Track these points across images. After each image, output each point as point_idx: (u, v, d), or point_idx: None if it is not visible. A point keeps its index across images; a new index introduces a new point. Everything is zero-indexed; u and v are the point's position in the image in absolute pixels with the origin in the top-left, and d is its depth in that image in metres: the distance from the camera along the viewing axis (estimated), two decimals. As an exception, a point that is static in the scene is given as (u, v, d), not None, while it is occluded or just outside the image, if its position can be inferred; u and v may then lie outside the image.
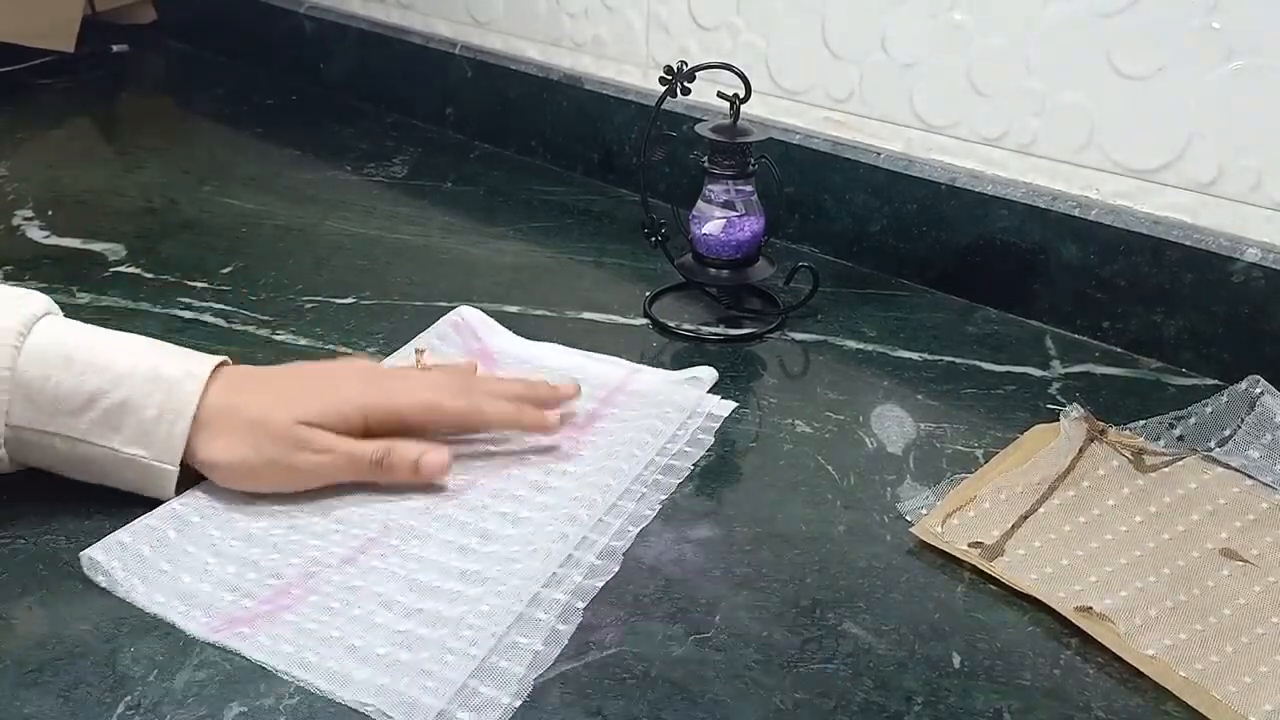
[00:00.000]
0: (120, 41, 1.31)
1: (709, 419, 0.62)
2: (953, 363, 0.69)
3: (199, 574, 0.48)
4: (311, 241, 0.84)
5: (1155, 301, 0.68)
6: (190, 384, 0.51)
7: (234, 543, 0.50)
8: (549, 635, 0.45)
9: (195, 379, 0.52)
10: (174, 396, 0.51)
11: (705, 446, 0.59)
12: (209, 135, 1.10)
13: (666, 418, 0.61)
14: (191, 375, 0.52)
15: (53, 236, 0.83)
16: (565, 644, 0.45)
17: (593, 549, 0.50)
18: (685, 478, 0.57)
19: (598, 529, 0.52)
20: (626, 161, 0.94)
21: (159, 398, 0.51)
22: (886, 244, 0.80)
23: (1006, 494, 0.55)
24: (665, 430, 0.59)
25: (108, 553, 0.49)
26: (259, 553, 0.50)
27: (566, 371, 0.65)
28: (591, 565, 0.49)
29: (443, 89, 1.08)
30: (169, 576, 0.48)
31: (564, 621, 0.46)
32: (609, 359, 0.67)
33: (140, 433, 0.50)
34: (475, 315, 0.71)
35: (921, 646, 0.46)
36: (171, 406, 0.51)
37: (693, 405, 0.62)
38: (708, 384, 0.65)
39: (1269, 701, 0.43)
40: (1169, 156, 0.66)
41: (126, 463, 0.51)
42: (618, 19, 0.92)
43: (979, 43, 0.72)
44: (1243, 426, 0.58)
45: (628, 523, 0.53)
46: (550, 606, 0.47)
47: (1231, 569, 0.50)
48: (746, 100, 0.67)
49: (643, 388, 0.64)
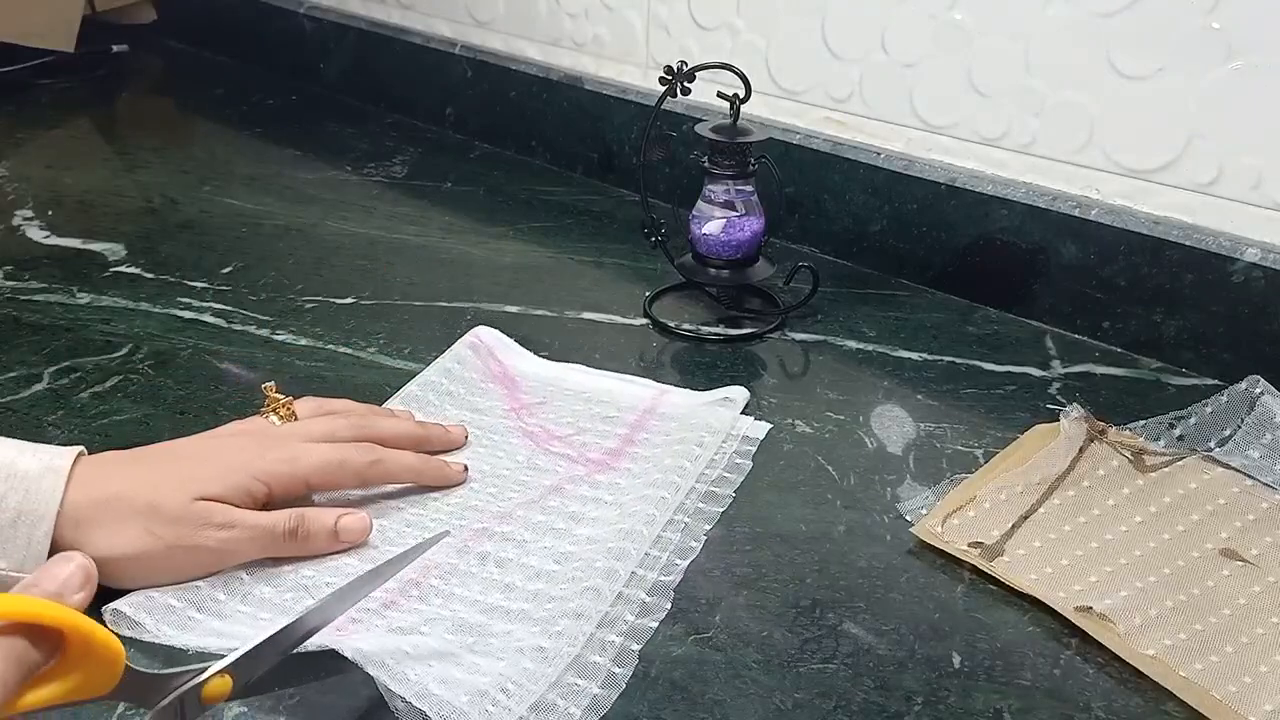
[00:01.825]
0: (120, 41, 1.31)
1: (745, 442, 0.59)
2: (953, 363, 0.69)
3: (231, 619, 0.45)
4: (311, 241, 0.84)
5: (1155, 301, 0.68)
6: (50, 479, 0.45)
7: (266, 589, 0.47)
8: (606, 678, 0.43)
9: (56, 473, 0.45)
10: (32, 496, 0.44)
11: (744, 472, 0.57)
12: (209, 135, 1.10)
13: (703, 443, 0.58)
14: (52, 469, 0.45)
15: (53, 236, 0.83)
16: (623, 687, 0.43)
17: (643, 585, 0.48)
18: (728, 505, 0.55)
19: (645, 563, 0.50)
20: (626, 161, 0.94)
21: (15, 499, 0.44)
22: (886, 244, 0.80)
23: (1006, 494, 0.55)
24: (703, 455, 0.57)
25: (134, 607, 0.45)
26: (292, 598, 0.47)
27: (593, 393, 0.64)
28: (643, 603, 0.47)
29: (443, 89, 1.08)
30: (199, 623, 0.45)
31: (620, 665, 0.44)
32: (634, 379, 0.65)
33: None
34: (492, 336, 0.68)
35: (921, 646, 0.46)
36: (30, 508, 0.44)
37: (727, 428, 0.60)
38: (740, 405, 0.62)
39: (1269, 701, 0.43)
40: (1169, 156, 0.66)
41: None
42: (618, 19, 0.92)
43: (979, 43, 0.72)
44: (1243, 426, 0.58)
45: (675, 555, 0.51)
46: (606, 649, 0.45)
47: (1231, 569, 0.50)
48: (746, 100, 0.67)
49: (673, 410, 0.62)
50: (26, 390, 0.63)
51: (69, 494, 0.45)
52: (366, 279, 0.78)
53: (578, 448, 0.59)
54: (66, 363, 0.66)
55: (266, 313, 0.73)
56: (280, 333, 0.70)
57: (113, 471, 0.47)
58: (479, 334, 0.69)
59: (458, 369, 0.66)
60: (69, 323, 0.71)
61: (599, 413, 0.62)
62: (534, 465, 0.58)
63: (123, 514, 0.46)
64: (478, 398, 0.64)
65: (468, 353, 0.67)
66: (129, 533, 0.46)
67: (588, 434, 0.60)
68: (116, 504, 0.46)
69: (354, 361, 0.67)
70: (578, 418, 0.62)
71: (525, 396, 0.64)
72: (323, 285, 0.77)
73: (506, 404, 0.63)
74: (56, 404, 0.62)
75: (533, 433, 0.60)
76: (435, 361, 0.66)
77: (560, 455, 0.58)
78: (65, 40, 1.24)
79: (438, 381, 0.64)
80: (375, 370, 0.66)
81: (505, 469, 0.57)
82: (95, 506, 0.45)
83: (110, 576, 0.45)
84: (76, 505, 0.45)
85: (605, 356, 0.68)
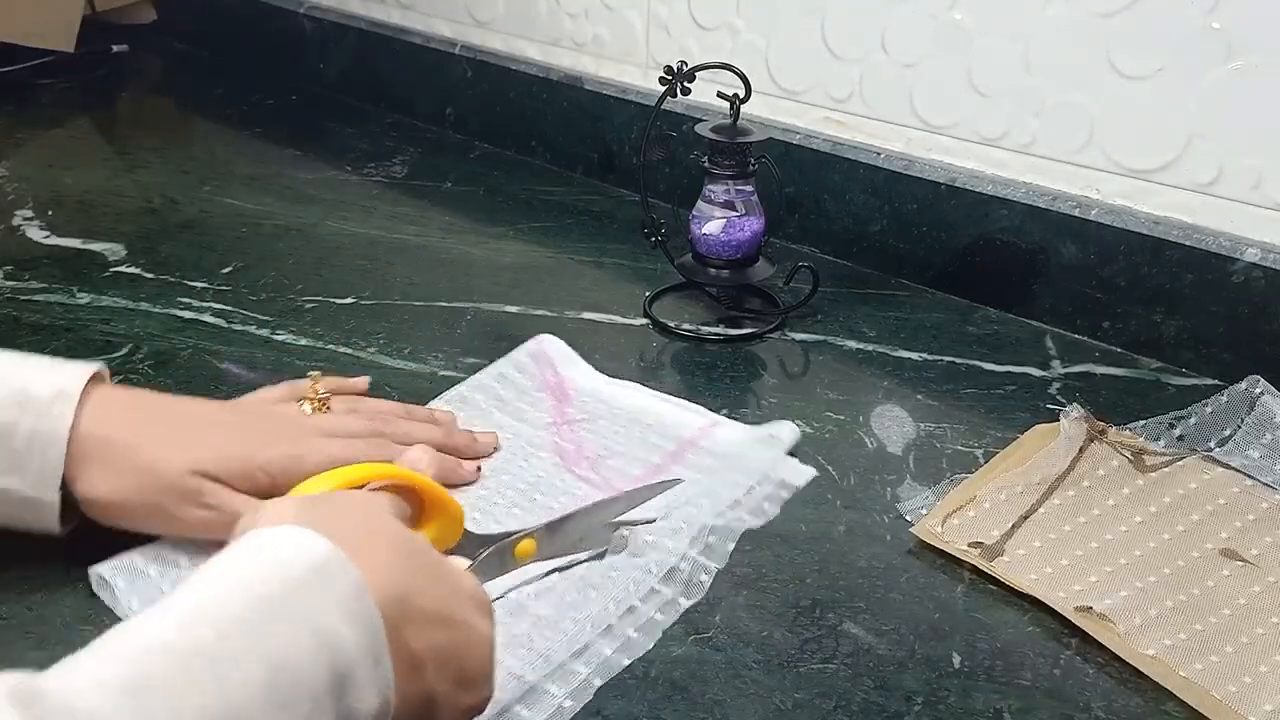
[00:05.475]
0: (120, 41, 1.31)
1: (781, 487, 0.56)
2: (953, 363, 0.69)
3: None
4: (311, 241, 0.84)
5: (1155, 301, 0.68)
6: (60, 405, 0.46)
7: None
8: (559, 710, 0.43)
9: (67, 399, 0.46)
10: (44, 420, 0.46)
11: (769, 517, 0.53)
12: (209, 135, 1.10)
13: (734, 484, 0.55)
14: (63, 395, 0.46)
15: (53, 236, 0.83)
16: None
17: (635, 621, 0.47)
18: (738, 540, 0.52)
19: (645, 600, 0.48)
20: (626, 161, 0.94)
21: (29, 423, 0.45)
22: (886, 244, 0.80)
23: (1006, 494, 0.55)
24: (726, 497, 0.54)
25: (115, 570, 0.48)
26: None
27: (640, 415, 0.61)
28: (628, 639, 0.46)
29: (443, 89, 1.08)
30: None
31: (573, 699, 0.43)
32: (689, 405, 0.62)
33: (11, 463, 0.45)
34: (556, 347, 0.67)
35: (921, 646, 0.46)
36: (44, 430, 0.46)
37: (766, 469, 0.56)
38: (786, 444, 0.58)
39: (1269, 701, 0.43)
40: (1169, 156, 0.66)
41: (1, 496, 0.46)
42: (618, 19, 0.92)
43: (979, 43, 0.72)
44: (1243, 426, 0.58)
45: (680, 594, 0.49)
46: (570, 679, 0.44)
47: (1231, 569, 0.50)
48: (746, 100, 0.67)
49: (715, 445, 0.58)
50: (26, 390, 0.63)
51: (80, 422, 0.46)
52: (366, 279, 0.78)
53: (603, 472, 0.57)
54: (66, 363, 0.66)
55: (266, 313, 0.73)
56: (280, 333, 0.70)
57: (126, 412, 0.49)
58: (543, 341, 0.67)
59: (514, 374, 0.65)
60: (69, 323, 0.70)
61: (639, 437, 0.60)
62: (551, 485, 0.56)
63: (122, 463, 0.47)
64: (526, 405, 0.63)
65: (526, 359, 0.66)
66: (121, 482, 0.47)
67: (619, 458, 0.58)
68: (120, 451, 0.47)
69: (354, 361, 0.67)
70: (615, 440, 0.60)
71: (571, 411, 0.62)
72: (323, 285, 0.77)
73: (551, 416, 0.62)
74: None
75: (564, 450, 0.59)
76: (493, 364, 0.65)
77: (581, 479, 0.57)
78: (65, 40, 1.24)
79: (490, 385, 0.64)
80: (375, 370, 0.66)
81: (522, 484, 0.56)
82: (100, 445, 0.47)
83: (93, 511, 0.48)
84: (83, 438, 0.46)
85: (605, 356, 0.68)
